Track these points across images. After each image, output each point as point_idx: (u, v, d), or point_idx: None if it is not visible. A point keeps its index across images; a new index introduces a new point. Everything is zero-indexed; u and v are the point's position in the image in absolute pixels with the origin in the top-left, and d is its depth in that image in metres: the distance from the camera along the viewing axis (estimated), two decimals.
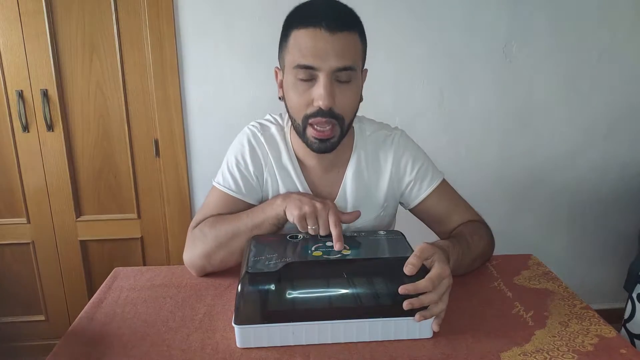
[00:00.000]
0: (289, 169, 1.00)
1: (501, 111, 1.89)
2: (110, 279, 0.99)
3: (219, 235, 0.94)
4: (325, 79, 0.85)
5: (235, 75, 1.77)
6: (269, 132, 1.02)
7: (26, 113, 1.77)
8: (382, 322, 0.76)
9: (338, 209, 0.89)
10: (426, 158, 1.06)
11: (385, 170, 1.02)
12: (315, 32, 0.84)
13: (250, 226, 0.92)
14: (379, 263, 0.79)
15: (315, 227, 0.85)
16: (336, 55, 0.85)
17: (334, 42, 0.84)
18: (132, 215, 1.92)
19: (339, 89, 0.87)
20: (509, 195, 1.99)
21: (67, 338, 0.80)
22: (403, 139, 1.04)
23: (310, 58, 0.85)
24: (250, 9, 1.70)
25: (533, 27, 1.80)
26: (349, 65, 0.86)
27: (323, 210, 0.85)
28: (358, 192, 1.02)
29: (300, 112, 0.90)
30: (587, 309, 0.86)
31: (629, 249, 2.07)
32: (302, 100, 0.88)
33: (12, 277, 1.95)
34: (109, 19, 1.71)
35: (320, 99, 0.86)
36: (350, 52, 0.86)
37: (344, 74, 0.87)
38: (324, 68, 0.85)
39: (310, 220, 0.86)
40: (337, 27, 0.84)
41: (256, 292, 0.74)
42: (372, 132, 1.04)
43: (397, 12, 1.75)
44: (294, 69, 0.87)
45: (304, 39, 0.85)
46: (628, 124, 1.94)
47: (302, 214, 0.86)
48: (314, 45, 0.84)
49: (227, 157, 1.03)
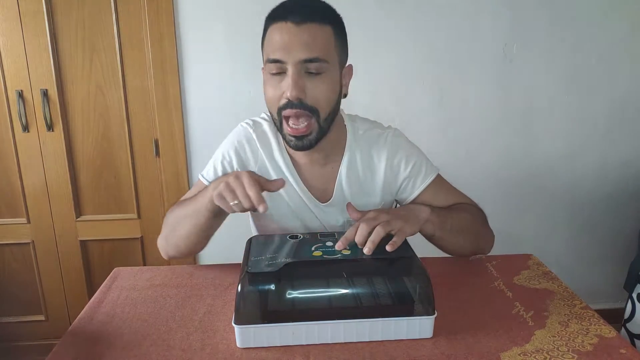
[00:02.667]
0: (281, 164, 1.01)
1: (501, 111, 1.89)
2: (110, 279, 0.99)
3: (171, 219, 0.97)
4: (292, 70, 0.86)
5: (235, 75, 1.78)
6: (261, 129, 1.03)
7: (26, 113, 1.77)
8: (382, 322, 0.76)
9: (257, 175, 0.83)
10: (420, 154, 1.06)
11: (379, 169, 1.03)
12: (281, 25, 0.86)
13: (192, 211, 0.91)
14: (379, 263, 0.79)
15: (237, 201, 0.80)
16: (302, 47, 0.85)
17: (299, 34, 0.85)
18: (132, 215, 1.92)
19: (309, 81, 0.88)
20: (508, 195, 1.99)
21: (67, 338, 0.80)
22: (396, 137, 1.04)
23: (278, 52, 0.86)
24: (250, 9, 1.71)
25: (533, 27, 1.80)
26: (315, 56, 0.86)
27: (236, 182, 0.80)
28: (353, 188, 1.02)
29: (274, 106, 0.91)
30: (587, 309, 0.86)
31: (629, 249, 2.07)
32: (275, 93, 0.89)
33: (12, 277, 1.95)
34: (109, 19, 1.71)
35: (288, 90, 0.86)
36: (318, 43, 0.86)
37: (313, 66, 0.87)
38: (290, 60, 0.86)
39: (228, 194, 0.80)
40: (302, 19, 0.85)
41: (256, 292, 0.74)
42: (365, 131, 1.04)
43: (398, 12, 1.75)
44: (267, 65, 0.89)
45: (273, 34, 0.87)
46: (628, 124, 1.94)
47: (218, 192, 0.81)
48: (280, 38, 0.86)
49: (218, 149, 1.05)
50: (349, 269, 0.76)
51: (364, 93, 1.79)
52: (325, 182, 1.02)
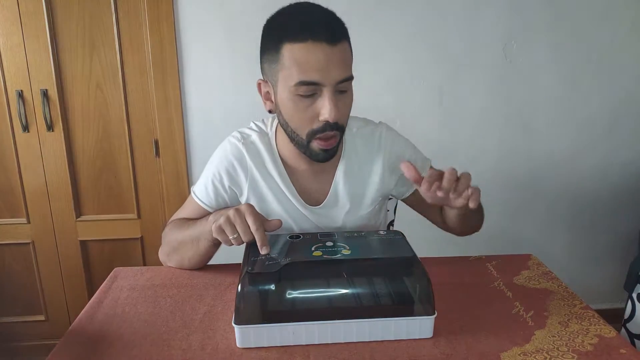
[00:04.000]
0: (274, 174, 1.00)
1: (501, 111, 1.89)
2: (110, 279, 0.99)
3: (172, 240, 1.00)
4: (330, 93, 0.83)
5: (235, 75, 1.78)
6: (249, 140, 1.01)
7: (26, 113, 1.77)
8: (382, 322, 0.76)
9: (257, 211, 0.83)
10: (413, 148, 1.07)
11: (376, 167, 1.03)
12: (315, 46, 0.81)
13: (191, 238, 0.95)
14: (379, 263, 0.79)
15: (236, 235, 0.81)
16: (338, 68, 0.83)
17: (334, 55, 0.82)
18: (132, 215, 1.92)
19: (340, 100, 0.86)
20: (509, 195, 1.99)
21: (67, 338, 0.80)
22: (390, 133, 1.04)
23: (314, 73, 0.82)
24: (250, 9, 1.71)
25: (533, 27, 1.80)
26: (349, 75, 0.85)
27: (237, 216, 0.80)
28: (349, 189, 1.02)
29: (305, 128, 0.88)
30: (587, 309, 0.86)
31: (629, 249, 2.07)
32: (305, 116, 0.86)
33: (12, 277, 1.95)
34: (109, 19, 1.71)
35: (328, 114, 0.84)
36: (348, 61, 0.86)
37: (345, 85, 0.85)
38: (327, 82, 0.83)
39: (228, 228, 0.81)
40: (335, 38, 0.82)
41: (256, 292, 0.74)
42: (359, 129, 1.03)
43: (398, 12, 1.75)
44: (296, 87, 0.83)
45: (303, 54, 0.81)
46: (628, 124, 1.94)
47: (217, 226, 0.82)
48: (316, 59, 0.81)
49: (208, 165, 1.04)
50: (349, 269, 0.76)
51: (364, 93, 1.78)
52: (322, 186, 1.02)
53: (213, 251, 0.97)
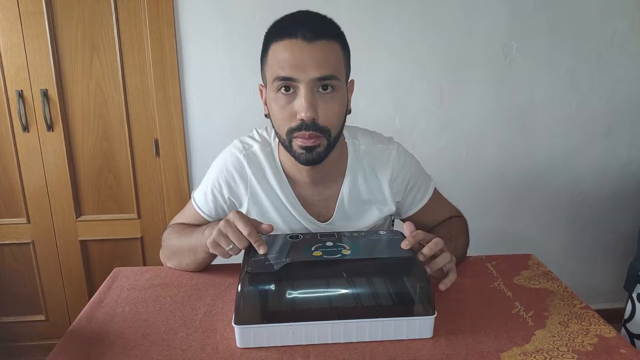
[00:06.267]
0: (275, 186, 0.99)
1: (501, 111, 1.89)
2: (110, 279, 0.99)
3: (171, 245, 1.02)
4: (305, 90, 0.83)
5: (235, 75, 1.78)
6: (250, 151, 1.00)
7: (26, 113, 1.77)
8: (382, 322, 0.76)
9: (246, 216, 0.82)
10: (420, 169, 1.07)
11: (383, 187, 1.01)
12: (291, 42, 0.82)
13: (188, 247, 0.96)
14: (379, 263, 0.79)
15: (231, 245, 0.80)
16: (315, 65, 0.82)
17: (311, 51, 0.82)
18: (132, 215, 1.92)
19: (321, 99, 0.85)
20: (508, 195, 1.99)
21: (67, 338, 0.80)
22: (400, 153, 1.02)
23: (288, 69, 0.82)
24: (249, 9, 1.71)
25: (533, 27, 1.80)
26: (329, 74, 0.83)
27: (227, 226, 0.80)
28: (355, 207, 1.01)
29: (284, 126, 0.87)
30: (587, 309, 0.86)
31: (629, 249, 2.07)
32: (284, 113, 0.86)
33: (12, 277, 1.95)
34: (109, 19, 1.71)
35: (302, 111, 0.83)
36: (330, 61, 0.84)
37: (325, 84, 0.84)
38: (303, 79, 0.83)
39: (222, 241, 0.81)
40: (314, 36, 0.82)
41: (256, 292, 0.74)
42: (367, 146, 1.01)
43: (397, 12, 1.75)
44: (274, 83, 0.85)
45: (281, 51, 0.83)
46: (628, 124, 1.95)
47: (211, 241, 0.82)
48: (291, 55, 0.82)
49: (209, 172, 1.04)
50: (349, 269, 0.76)
51: (364, 94, 1.79)
52: (326, 201, 1.01)
53: (211, 259, 0.98)
